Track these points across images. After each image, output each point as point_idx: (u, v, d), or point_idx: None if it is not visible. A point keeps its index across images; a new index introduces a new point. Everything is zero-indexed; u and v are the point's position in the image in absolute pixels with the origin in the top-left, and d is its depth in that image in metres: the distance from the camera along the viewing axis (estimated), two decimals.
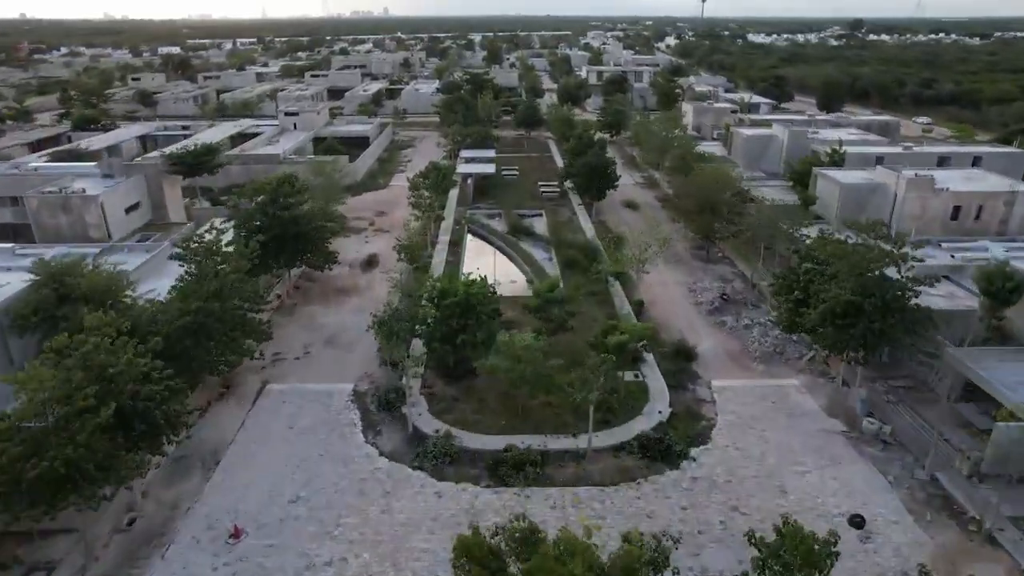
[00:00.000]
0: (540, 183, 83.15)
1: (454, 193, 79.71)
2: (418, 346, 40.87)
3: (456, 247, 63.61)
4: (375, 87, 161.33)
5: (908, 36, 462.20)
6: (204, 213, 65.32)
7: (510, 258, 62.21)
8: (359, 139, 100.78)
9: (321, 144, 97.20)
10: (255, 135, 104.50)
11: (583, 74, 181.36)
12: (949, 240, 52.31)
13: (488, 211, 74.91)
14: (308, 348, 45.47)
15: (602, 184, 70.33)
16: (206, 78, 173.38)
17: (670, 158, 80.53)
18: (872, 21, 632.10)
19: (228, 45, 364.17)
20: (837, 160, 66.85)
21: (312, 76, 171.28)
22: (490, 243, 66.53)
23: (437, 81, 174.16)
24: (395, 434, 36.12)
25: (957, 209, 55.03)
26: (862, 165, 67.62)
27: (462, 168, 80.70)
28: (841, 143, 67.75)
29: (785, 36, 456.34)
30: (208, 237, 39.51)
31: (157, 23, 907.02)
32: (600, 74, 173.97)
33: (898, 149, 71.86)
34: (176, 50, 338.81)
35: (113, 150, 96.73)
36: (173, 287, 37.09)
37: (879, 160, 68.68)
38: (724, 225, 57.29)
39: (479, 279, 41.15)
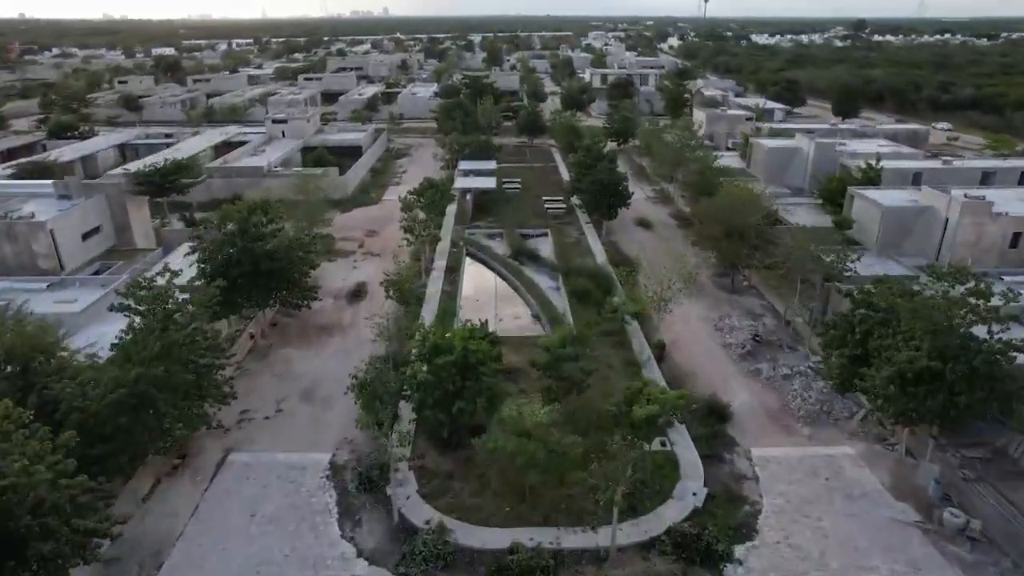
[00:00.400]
0: (545, 198, 77.06)
1: (452, 209, 73.67)
2: (407, 411, 34.82)
3: (453, 273, 57.52)
4: (371, 91, 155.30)
5: (913, 36, 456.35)
6: (176, 235, 59.14)
7: (513, 288, 56.13)
8: (351, 148, 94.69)
9: (311, 154, 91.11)
10: (242, 143, 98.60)
11: (586, 77, 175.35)
12: (1010, 272, 46.32)
13: (489, 230, 68.88)
14: (281, 403, 39.36)
15: (613, 202, 64.27)
16: (196, 81, 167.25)
17: (685, 171, 74.56)
18: (875, 21, 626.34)
19: (223, 46, 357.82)
20: (872, 177, 60.82)
21: (306, 79, 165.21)
22: (491, 268, 60.47)
23: (435, 84, 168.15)
24: (378, 525, 30.00)
25: (1017, 236, 48.96)
26: (899, 182, 61.69)
27: (460, 182, 74.62)
28: (879, 158, 61.61)
29: (789, 37, 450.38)
30: (160, 281, 33.49)
31: (155, 23, 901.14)
32: (604, 77, 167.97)
33: (937, 164, 65.84)
34: (170, 51, 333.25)
35: (88, 161, 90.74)
36: (114, 344, 31.08)
37: (917, 177, 62.76)
38: (752, 252, 51.26)
39: (479, 326, 35.21)
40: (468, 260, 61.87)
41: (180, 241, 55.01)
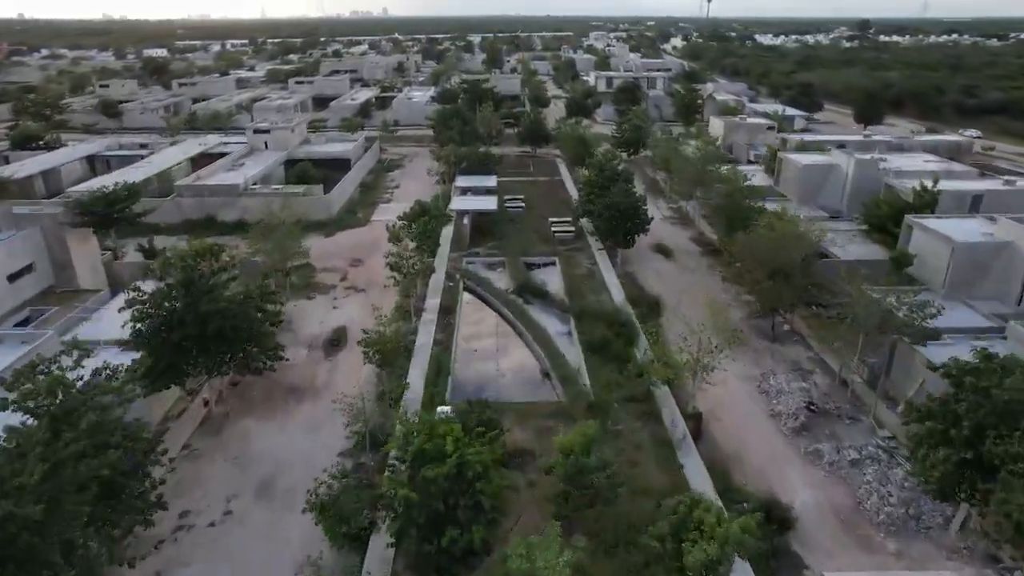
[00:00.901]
0: (551, 220, 69.29)
1: (448, 232, 66.07)
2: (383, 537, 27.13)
3: (449, 315, 49.81)
4: (364, 95, 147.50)
5: (920, 36, 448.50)
6: (132, 270, 51.40)
7: (517, 333, 48.44)
8: (339, 161, 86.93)
9: (295, 167, 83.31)
10: (223, 155, 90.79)
11: (591, 81, 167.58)
12: None
13: (489, 258, 61.23)
14: (232, 501, 31.64)
15: (631, 228, 56.51)
16: (181, 85, 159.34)
17: (708, 190, 66.93)
18: (878, 21, 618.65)
19: (217, 47, 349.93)
20: (928, 201, 53.13)
21: (296, 83, 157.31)
22: (491, 306, 52.79)
23: (433, 88, 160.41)
24: None
25: None
26: (957, 207, 54.04)
27: (458, 203, 66.86)
28: (937, 179, 53.86)
29: (794, 37, 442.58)
30: (66, 361, 25.85)
31: (153, 23, 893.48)
32: (609, 81, 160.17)
33: (998, 184, 58.10)
34: (163, 52, 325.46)
35: (50, 175, 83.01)
36: None
37: (977, 200, 55.09)
38: (800, 296, 43.65)
39: (478, 405, 27.69)
40: (466, 296, 54.21)
41: (136, 277, 47.35)
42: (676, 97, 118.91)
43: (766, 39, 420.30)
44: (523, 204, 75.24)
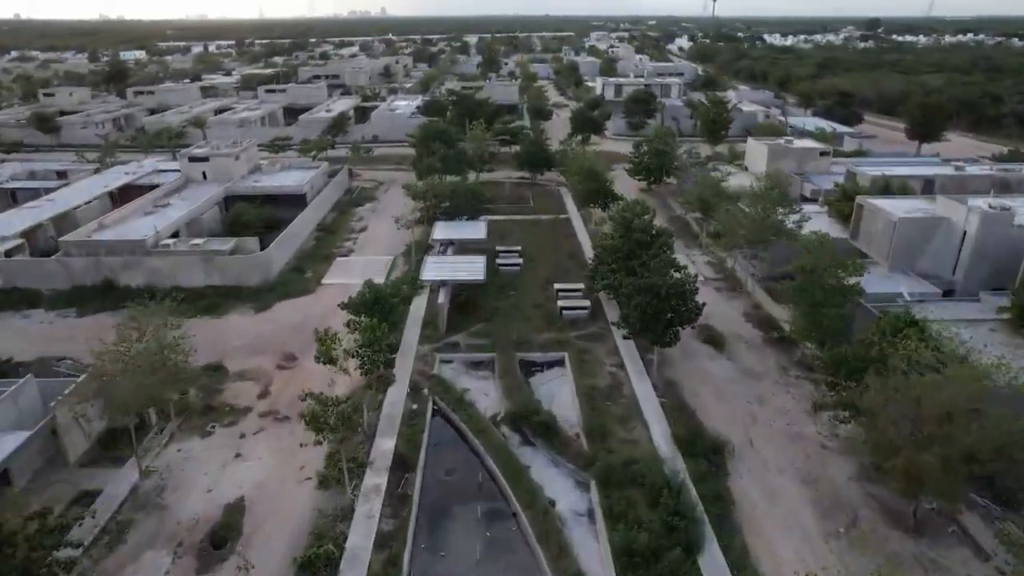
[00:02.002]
0: (558, 289, 52.01)
1: (419, 306, 49.17)
2: None
3: (405, 472, 32.70)
4: (343, 105, 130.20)
5: (935, 36, 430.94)
6: None
7: (512, 511, 31.23)
8: (292, 198, 69.80)
9: (235, 207, 66.16)
10: (153, 187, 73.73)
11: (597, 88, 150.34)
12: None
13: (472, 355, 44.08)
14: None
15: (674, 320, 39.21)
16: (137, 94, 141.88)
17: (773, 250, 49.97)
18: (885, 21, 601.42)
19: (199, 48, 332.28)
20: None
21: (267, 91, 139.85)
22: (470, 446, 35.59)
23: (420, 96, 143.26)
24: None
25: None
26: None
27: (432, 269, 49.47)
28: None
29: (803, 37, 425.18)
30: None
31: (147, 24, 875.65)
32: (619, 88, 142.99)
33: None
34: (142, 54, 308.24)
35: None
36: None
37: None
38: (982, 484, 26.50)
39: None
40: (435, 423, 37.07)
41: None
42: (700, 110, 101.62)
43: (774, 39, 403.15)
44: (520, 260, 58.04)
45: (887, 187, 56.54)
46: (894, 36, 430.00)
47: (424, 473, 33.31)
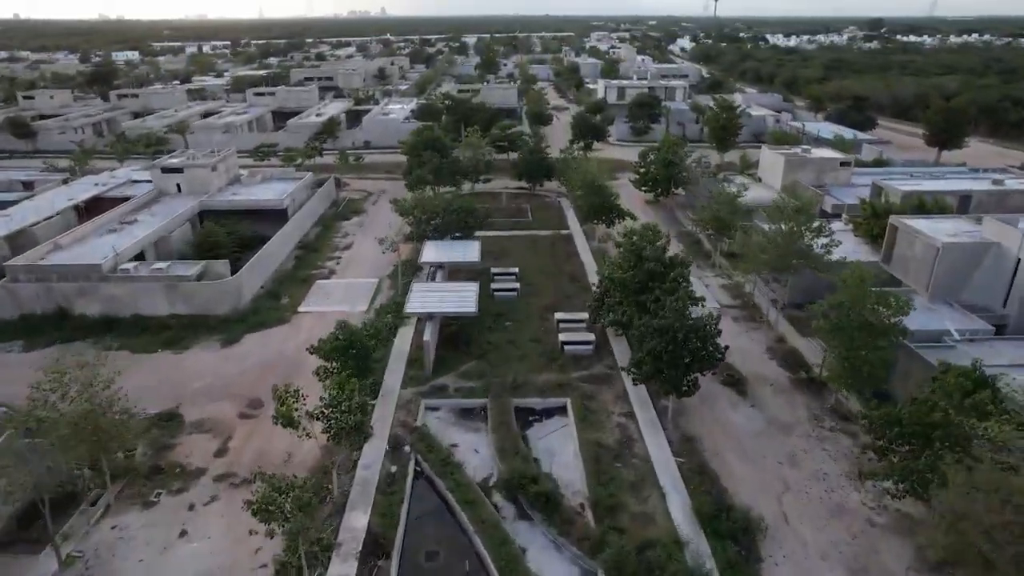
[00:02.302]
0: (559, 320, 46.77)
1: (404, 338, 44.12)
2: None
3: (379, 548, 27.52)
4: (334, 109, 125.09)
5: (940, 36, 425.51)
6: None
7: None
8: (271, 213, 64.65)
9: (204, 227, 61.04)
10: (125, 199, 68.59)
11: (599, 90, 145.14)
12: None
13: (462, 400, 38.87)
14: None
15: (692, 365, 33.98)
16: (121, 97, 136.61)
17: (798, 271, 44.80)
18: (888, 21, 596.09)
19: (192, 49, 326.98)
20: None
21: (255, 95, 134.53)
22: (457, 522, 30.34)
23: (415, 99, 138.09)
24: None
25: None
26: None
27: (418, 300, 44.12)
28: None
29: (806, 38, 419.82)
30: None
31: (146, 24, 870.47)
32: (621, 91, 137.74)
33: None
34: (134, 55, 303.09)
35: None
36: None
37: None
38: None
39: None
40: (417, 488, 31.87)
41: None
42: (708, 116, 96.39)
43: (777, 40, 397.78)
44: (517, 284, 52.83)
45: (922, 205, 51.29)
46: (898, 36, 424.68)
47: (401, 558, 28.13)
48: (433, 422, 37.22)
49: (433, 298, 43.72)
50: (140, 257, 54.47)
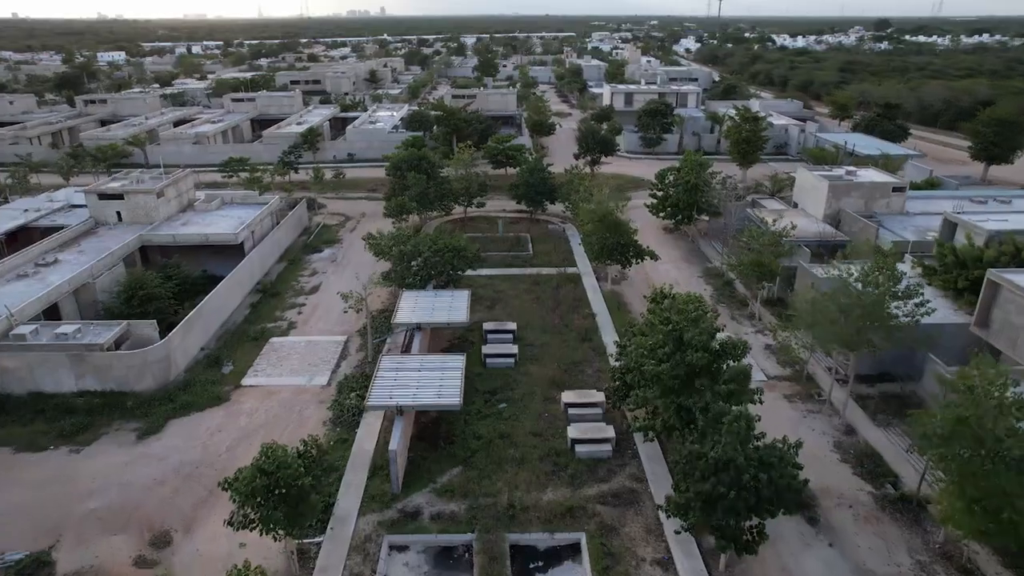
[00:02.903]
0: (567, 403, 36.67)
1: (368, 438, 34.19)
2: None
3: None
4: (317, 116, 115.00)
5: (949, 36, 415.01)
6: None
7: None
8: (224, 249, 54.60)
9: (130, 275, 50.95)
10: (58, 228, 58.64)
11: (605, 97, 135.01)
12: None
13: (439, 535, 28.80)
14: None
15: (758, 509, 23.93)
16: (88, 103, 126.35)
17: (862, 344, 34.66)
18: (896, 21, 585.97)
19: (182, 49, 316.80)
20: None
21: (233, 100, 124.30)
22: None
23: (406, 106, 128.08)
24: None
25: None
26: None
27: (381, 391, 33.81)
28: None
29: (813, 38, 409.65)
30: None
31: (143, 23, 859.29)
32: (628, 97, 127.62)
33: None
34: (121, 56, 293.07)
35: None
36: None
37: None
38: None
39: None
40: None
41: None
42: (730, 128, 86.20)
43: (783, 40, 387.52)
44: (515, 350, 42.65)
45: (1019, 252, 41.17)
46: (907, 37, 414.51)
47: None
48: (398, 570, 27.19)
49: (405, 384, 33.58)
50: (54, 311, 44.52)
